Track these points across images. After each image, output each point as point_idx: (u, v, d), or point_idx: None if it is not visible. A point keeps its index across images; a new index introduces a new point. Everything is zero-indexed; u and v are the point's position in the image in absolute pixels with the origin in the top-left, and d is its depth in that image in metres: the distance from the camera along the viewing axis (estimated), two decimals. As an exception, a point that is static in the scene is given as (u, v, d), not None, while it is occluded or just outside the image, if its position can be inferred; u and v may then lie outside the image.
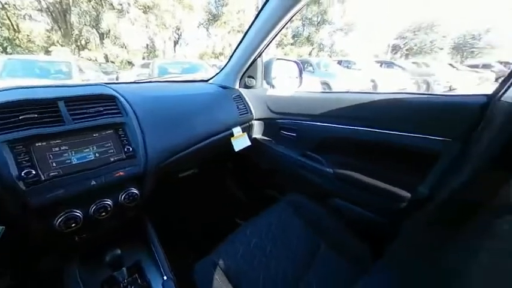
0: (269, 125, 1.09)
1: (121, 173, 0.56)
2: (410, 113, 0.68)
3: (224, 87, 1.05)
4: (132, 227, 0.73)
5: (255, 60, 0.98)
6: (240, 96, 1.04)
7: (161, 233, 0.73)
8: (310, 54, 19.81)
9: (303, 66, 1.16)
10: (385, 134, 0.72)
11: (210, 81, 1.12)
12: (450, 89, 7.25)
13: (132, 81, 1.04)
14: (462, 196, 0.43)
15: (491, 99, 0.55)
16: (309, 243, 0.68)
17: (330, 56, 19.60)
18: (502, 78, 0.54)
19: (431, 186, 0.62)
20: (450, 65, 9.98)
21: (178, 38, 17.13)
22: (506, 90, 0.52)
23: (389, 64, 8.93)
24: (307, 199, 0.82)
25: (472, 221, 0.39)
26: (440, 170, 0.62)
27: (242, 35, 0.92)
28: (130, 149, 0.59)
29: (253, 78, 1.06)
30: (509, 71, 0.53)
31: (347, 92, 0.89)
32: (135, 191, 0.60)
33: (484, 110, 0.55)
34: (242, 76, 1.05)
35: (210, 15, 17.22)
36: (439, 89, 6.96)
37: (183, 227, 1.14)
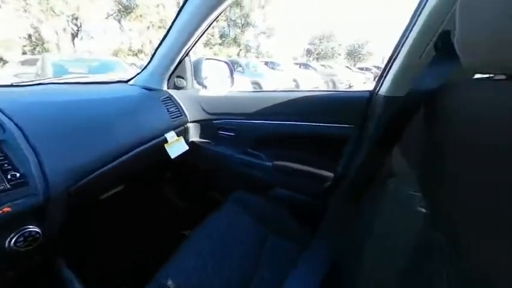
0: (206, 126, 1.06)
1: (6, 209, 0.41)
2: (323, 107, 0.83)
3: (149, 89, 0.94)
4: (40, 278, 0.56)
5: (182, 59, 0.93)
6: (170, 98, 0.96)
7: (89, 276, 0.59)
8: (238, 55, 20.47)
9: (233, 66, 1.19)
10: (309, 126, 0.85)
11: (130, 83, 0.97)
12: (349, 86, 9.21)
13: (9, 83, 0.76)
14: (363, 171, 0.56)
15: (372, 94, 0.74)
16: (257, 236, 0.71)
17: (257, 57, 20.89)
18: (377, 78, 0.74)
19: (344, 165, 0.78)
20: (347, 67, 12.73)
21: (78, 30, 13.79)
22: (380, 87, 0.71)
23: (306, 66, 10.44)
24: (251, 194, 0.86)
25: (371, 190, 0.51)
26: (349, 151, 0.78)
27: (164, 31, 0.84)
28: (17, 174, 0.44)
29: (182, 78, 1.00)
30: (380, 72, 0.73)
31: (275, 91, 0.98)
32: (34, 229, 0.46)
33: (369, 102, 0.74)
34: (170, 76, 0.97)
35: (120, 6, 14.81)
36: (341, 86, 8.72)
37: (118, 258, 0.95)
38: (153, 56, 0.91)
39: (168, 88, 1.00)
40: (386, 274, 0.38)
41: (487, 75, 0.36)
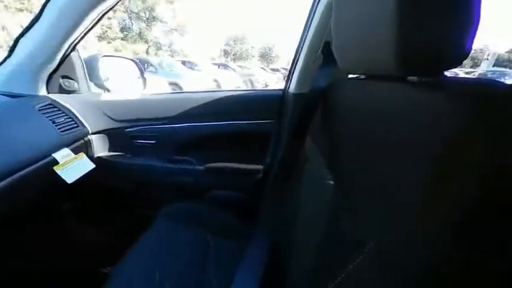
0: (115, 136, 0.89)
1: None
2: (245, 105, 0.88)
3: (13, 96, 0.68)
4: None
5: (66, 55, 0.72)
6: (55, 106, 0.73)
7: None
8: (147, 52, 18.15)
9: (143, 65, 1.04)
10: (234, 125, 0.87)
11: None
12: (266, 85, 10.19)
13: None
14: (285, 160, 0.64)
15: (284, 92, 0.85)
16: (199, 244, 0.68)
17: (172, 56, 19.34)
18: (286, 78, 0.86)
19: (271, 157, 0.86)
20: (262, 68, 14.02)
21: None
22: (289, 86, 0.83)
23: (225, 66, 10.68)
24: (185, 202, 0.80)
25: (294, 175, 0.59)
26: (273, 144, 0.87)
27: (30, 15, 0.62)
28: None
29: (71, 79, 0.79)
30: (287, 73, 0.85)
31: (196, 92, 0.95)
32: None
33: (282, 99, 0.85)
34: (50, 77, 0.74)
35: None
36: (259, 85, 9.52)
37: None
38: (12, 49, 0.66)
39: (49, 92, 0.75)
40: (312, 242, 0.45)
41: (356, 76, 0.49)
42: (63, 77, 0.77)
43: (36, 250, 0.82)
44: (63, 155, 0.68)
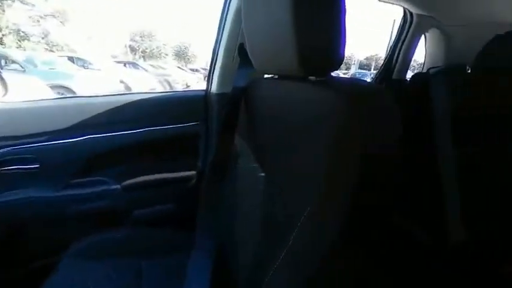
0: None
1: None
2: (166, 108, 0.80)
3: None
4: None
5: None
6: None
7: None
8: (1, 43, 12.80)
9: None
10: (159, 130, 0.78)
11: None
12: (187, 86, 9.62)
13: None
14: (218, 160, 0.63)
15: (207, 93, 0.84)
16: (126, 275, 0.57)
17: (52, 51, 14.72)
18: (207, 79, 0.85)
19: (202, 160, 0.83)
20: (179, 67, 13.09)
21: None
22: (211, 86, 0.83)
23: (134, 65, 9.23)
24: (102, 232, 0.65)
25: (228, 172, 0.60)
26: (203, 146, 0.84)
27: None
28: None
29: None
30: (207, 73, 0.84)
31: (97, 96, 0.77)
32: None
33: (206, 99, 0.83)
34: None
35: None
36: (178, 86, 8.87)
37: None
38: None
39: None
40: (254, 234, 0.48)
41: (271, 76, 0.54)
42: None
43: None
44: None
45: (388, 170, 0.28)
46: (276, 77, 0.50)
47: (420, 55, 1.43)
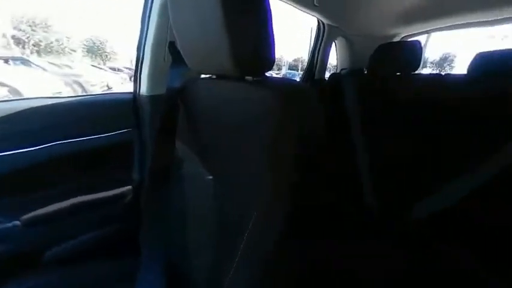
0: None
1: None
2: (88, 115, 0.66)
3: None
4: None
5: None
6: None
7: None
8: None
9: None
10: (76, 143, 0.63)
11: None
12: (108, 88, 8.12)
13: None
14: (158, 167, 0.57)
15: (135, 95, 0.74)
16: None
17: None
18: (133, 79, 0.75)
19: (138, 170, 0.73)
20: (94, 66, 10.88)
21: None
22: (139, 88, 0.73)
23: (24, 61, 7.02)
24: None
25: (171, 178, 0.55)
26: (139, 153, 0.74)
27: None
28: None
29: None
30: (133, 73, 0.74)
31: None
32: None
33: (135, 102, 0.73)
34: None
35: None
36: (96, 89, 7.37)
37: None
38: None
39: None
40: (209, 236, 0.47)
41: (208, 76, 0.53)
42: None
43: None
44: None
45: (320, 167, 0.33)
46: (214, 76, 0.49)
47: (335, 58, 1.73)
